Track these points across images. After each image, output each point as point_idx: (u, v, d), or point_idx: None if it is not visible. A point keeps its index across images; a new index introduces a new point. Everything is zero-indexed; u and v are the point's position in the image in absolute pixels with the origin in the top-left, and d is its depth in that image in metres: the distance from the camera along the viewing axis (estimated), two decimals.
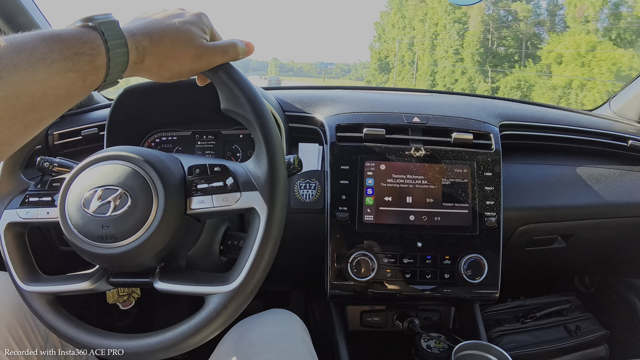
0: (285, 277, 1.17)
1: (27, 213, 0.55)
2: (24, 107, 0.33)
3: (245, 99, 0.49)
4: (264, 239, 0.47)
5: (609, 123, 1.06)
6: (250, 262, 0.47)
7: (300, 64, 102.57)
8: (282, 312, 0.72)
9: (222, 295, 0.48)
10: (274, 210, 0.48)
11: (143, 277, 0.53)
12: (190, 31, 0.45)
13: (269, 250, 0.48)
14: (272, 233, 0.48)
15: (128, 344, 0.50)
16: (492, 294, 0.78)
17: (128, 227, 0.47)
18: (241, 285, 0.47)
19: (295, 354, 0.61)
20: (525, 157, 0.94)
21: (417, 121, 0.82)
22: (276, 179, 0.48)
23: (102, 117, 0.92)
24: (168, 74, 0.46)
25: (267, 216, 0.48)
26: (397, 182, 0.77)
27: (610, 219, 0.94)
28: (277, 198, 0.48)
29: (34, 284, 0.56)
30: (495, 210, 0.78)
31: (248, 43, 0.51)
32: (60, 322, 0.54)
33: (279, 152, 0.50)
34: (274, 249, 0.48)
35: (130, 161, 0.50)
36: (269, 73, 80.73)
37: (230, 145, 0.92)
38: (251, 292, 0.48)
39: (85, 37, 0.37)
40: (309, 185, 0.80)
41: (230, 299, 0.47)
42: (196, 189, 0.50)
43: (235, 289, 0.47)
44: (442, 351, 0.81)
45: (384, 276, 0.76)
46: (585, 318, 1.07)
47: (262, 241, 0.47)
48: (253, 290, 0.48)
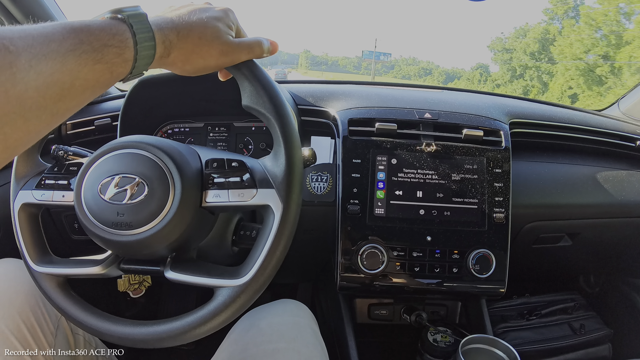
0: (294, 270, 1.18)
1: (42, 195, 0.55)
2: (53, 97, 0.33)
3: (268, 97, 0.49)
4: (277, 237, 0.48)
5: (617, 123, 1.06)
6: (262, 258, 0.48)
7: (335, 57, 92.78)
8: (292, 302, 0.73)
9: (231, 289, 0.48)
10: (288, 209, 0.48)
11: (154, 265, 0.54)
12: (216, 27, 0.45)
13: (281, 248, 0.48)
14: (285, 231, 0.48)
15: (135, 330, 0.51)
16: (499, 289, 0.78)
17: (143, 216, 0.48)
18: (251, 280, 0.48)
19: (305, 343, 0.62)
20: (534, 155, 0.95)
21: (429, 117, 0.83)
22: (293, 178, 0.49)
23: (115, 108, 0.93)
24: (193, 68, 0.47)
25: (282, 214, 0.48)
26: (408, 176, 0.78)
27: (617, 219, 0.94)
28: (292, 197, 0.49)
29: (45, 265, 0.56)
30: (504, 206, 0.79)
31: (273, 42, 0.52)
32: (69, 304, 0.55)
33: (297, 152, 0.50)
34: (286, 246, 0.49)
35: (149, 151, 0.50)
36: (300, 66, 74.74)
37: (243, 137, 0.93)
38: (260, 288, 0.49)
39: (114, 30, 0.38)
40: (321, 178, 0.81)
41: (240, 293, 0.48)
42: (212, 182, 0.51)
43: (245, 283, 0.48)
44: (448, 345, 0.82)
45: (393, 269, 0.76)
46: (590, 317, 1.07)
47: (275, 238, 0.48)
48: (262, 285, 0.49)
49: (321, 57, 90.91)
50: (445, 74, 71.50)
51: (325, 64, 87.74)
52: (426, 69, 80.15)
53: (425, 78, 72.46)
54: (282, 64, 65.04)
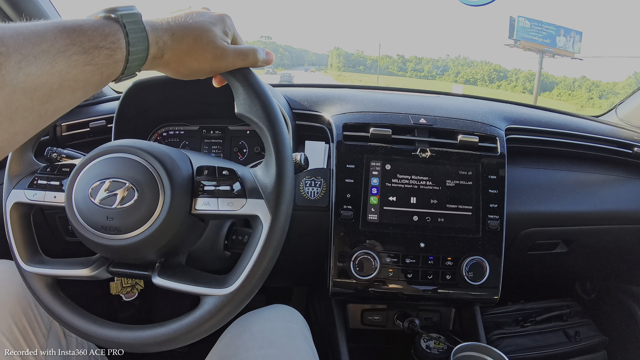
0: (288, 274, 1.17)
1: (34, 195, 0.55)
2: (41, 99, 0.33)
3: (261, 105, 0.49)
4: (264, 247, 0.48)
5: (614, 130, 1.06)
6: (249, 268, 0.48)
7: (374, 57, 74.47)
8: (284, 308, 0.73)
9: (217, 298, 0.48)
10: (277, 220, 0.48)
11: (143, 269, 0.54)
12: (212, 31, 0.45)
13: (268, 259, 0.48)
14: (272, 242, 0.48)
15: (121, 334, 0.51)
16: (493, 296, 0.78)
17: (132, 221, 0.48)
18: (237, 290, 0.48)
19: (296, 349, 0.62)
20: (530, 162, 0.94)
21: (424, 122, 0.83)
22: (283, 190, 0.49)
23: (110, 110, 0.93)
24: (186, 71, 0.46)
25: (270, 225, 0.48)
26: (402, 182, 0.78)
27: (613, 226, 0.94)
28: (281, 208, 0.49)
29: (35, 265, 0.56)
30: (498, 213, 0.78)
31: (269, 52, 0.52)
32: (57, 305, 0.55)
33: (289, 162, 0.50)
34: (273, 257, 0.49)
35: (140, 156, 0.50)
36: (330, 67, 62.32)
37: (237, 141, 0.92)
38: (246, 297, 0.49)
39: (107, 30, 0.37)
40: (315, 182, 0.80)
41: (226, 302, 0.48)
42: (203, 190, 0.51)
43: (231, 293, 0.48)
44: (441, 352, 0.82)
45: (386, 275, 0.76)
46: (585, 324, 1.07)
47: (262, 249, 0.48)
48: (248, 295, 0.49)
49: (356, 56, 74.48)
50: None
51: (363, 64, 71.60)
52: (499, 70, 60.77)
53: (500, 82, 56.09)
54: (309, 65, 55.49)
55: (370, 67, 67.92)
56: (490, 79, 59.11)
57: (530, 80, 49.89)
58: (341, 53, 69.16)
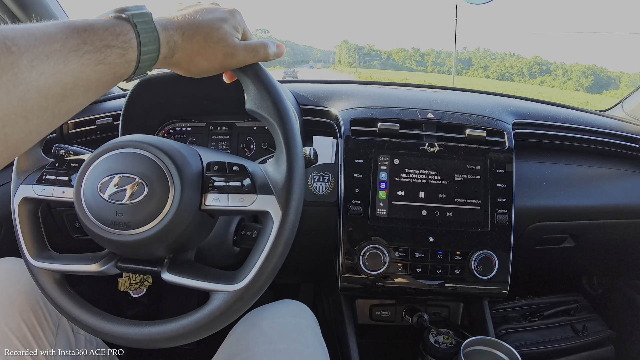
0: (296, 270, 1.17)
1: (42, 190, 0.55)
2: (55, 98, 0.33)
3: (272, 101, 0.49)
4: (274, 244, 0.48)
5: (621, 124, 1.06)
6: (259, 264, 0.48)
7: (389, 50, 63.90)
8: (293, 303, 0.73)
9: (227, 294, 0.48)
10: (287, 216, 0.48)
11: (152, 265, 0.54)
12: (222, 29, 0.45)
13: (278, 255, 0.48)
14: (283, 238, 0.48)
15: (130, 329, 0.51)
16: (502, 290, 0.78)
17: (142, 216, 0.47)
18: (247, 286, 0.48)
19: (306, 344, 0.62)
20: (538, 156, 0.94)
21: (431, 117, 0.82)
22: (294, 186, 0.48)
23: (116, 107, 0.93)
24: (197, 70, 0.46)
25: (281, 221, 0.48)
26: (410, 176, 0.78)
27: (621, 220, 0.94)
28: (292, 204, 0.48)
29: (43, 260, 0.56)
30: (507, 207, 0.78)
31: (279, 44, 0.52)
32: (66, 301, 0.55)
33: (299, 158, 0.50)
34: (283, 253, 0.49)
35: (150, 151, 0.50)
36: (338, 63, 54.26)
37: (244, 137, 0.92)
38: (256, 294, 0.49)
39: (118, 30, 0.37)
40: (323, 178, 0.80)
41: (236, 298, 0.48)
42: (213, 185, 0.51)
43: (241, 289, 0.48)
44: (450, 346, 0.82)
45: (395, 270, 0.76)
46: (592, 319, 1.07)
47: (272, 245, 0.48)
48: (258, 292, 0.49)
49: (368, 50, 64.56)
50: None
51: (378, 58, 61.31)
52: (540, 63, 47.81)
53: (544, 77, 43.59)
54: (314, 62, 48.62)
55: (386, 63, 57.77)
56: (530, 74, 47.03)
57: (587, 75, 39.69)
58: (351, 47, 58.05)
